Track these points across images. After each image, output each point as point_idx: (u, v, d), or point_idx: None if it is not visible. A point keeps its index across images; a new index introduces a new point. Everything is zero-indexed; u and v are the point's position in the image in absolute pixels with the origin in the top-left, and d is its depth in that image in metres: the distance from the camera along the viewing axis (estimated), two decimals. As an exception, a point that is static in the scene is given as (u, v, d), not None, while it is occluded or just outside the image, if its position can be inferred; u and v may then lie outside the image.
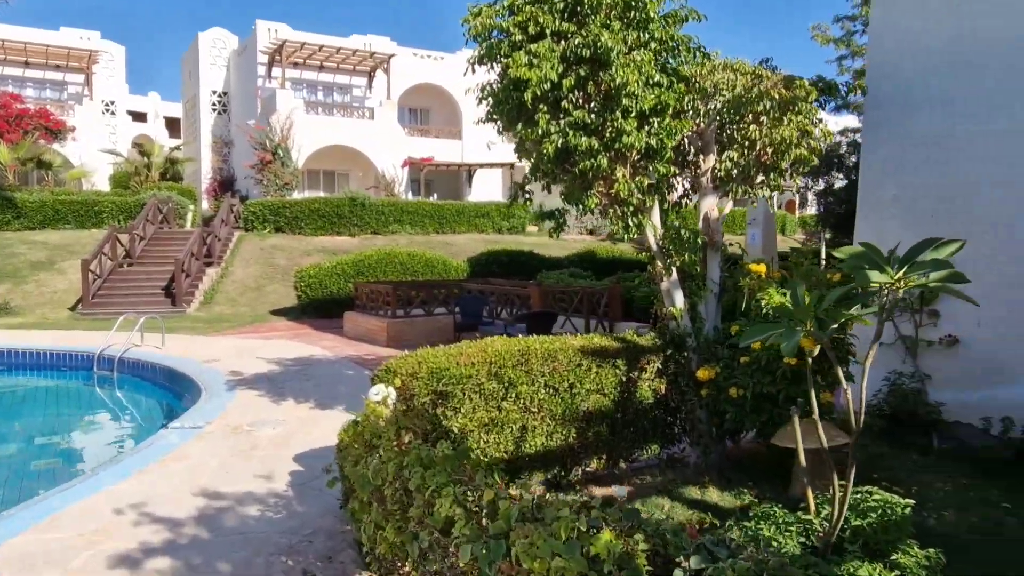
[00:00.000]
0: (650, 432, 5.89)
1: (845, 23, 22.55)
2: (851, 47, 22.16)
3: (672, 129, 5.23)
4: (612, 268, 21.38)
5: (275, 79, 30.28)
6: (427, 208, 25.83)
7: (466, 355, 5.08)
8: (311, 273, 17.51)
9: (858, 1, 22.52)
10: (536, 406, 5.26)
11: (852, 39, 22.32)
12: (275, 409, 8.07)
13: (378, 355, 11.97)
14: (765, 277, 5.32)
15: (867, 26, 22.61)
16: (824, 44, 22.45)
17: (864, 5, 22.12)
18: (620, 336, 5.91)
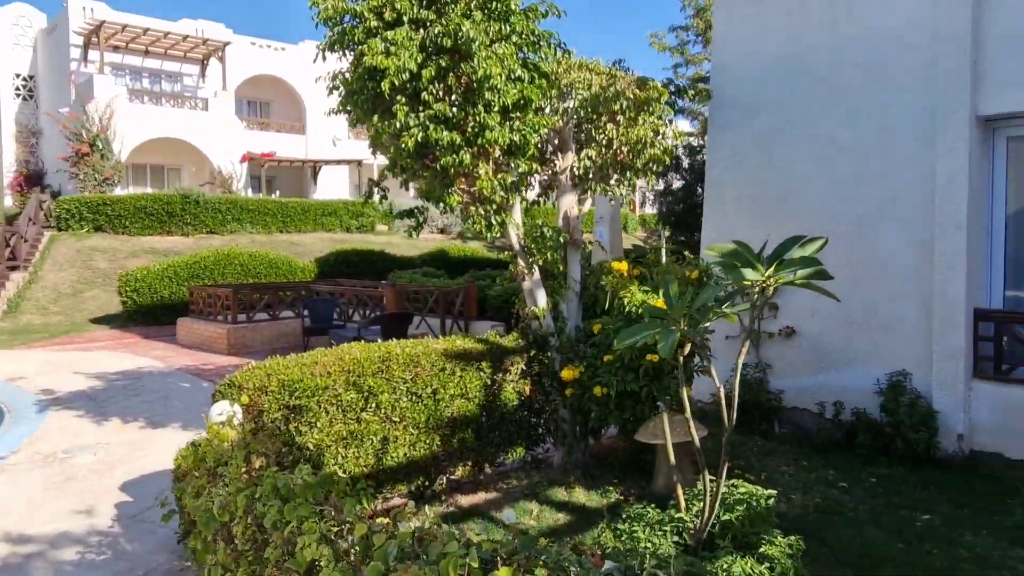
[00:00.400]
0: (515, 435, 5.77)
1: (679, 32, 23.94)
2: (685, 55, 23.54)
3: (535, 125, 5.12)
4: (464, 267, 21.31)
5: (92, 63, 27.38)
6: (270, 206, 24.43)
7: (321, 364, 4.68)
8: (138, 276, 15.94)
9: (690, 12, 24.01)
10: (398, 415, 4.97)
11: (686, 48, 23.72)
12: (96, 431, 7.15)
13: (217, 365, 11.06)
14: (627, 275, 5.36)
15: (699, 36, 24.17)
16: (661, 51, 23.68)
17: (696, 17, 23.61)
18: (483, 338, 5.74)
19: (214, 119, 28.47)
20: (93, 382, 9.54)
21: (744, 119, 7.33)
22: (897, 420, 6.03)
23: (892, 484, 5.49)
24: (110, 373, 10.16)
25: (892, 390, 6.20)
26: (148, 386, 9.29)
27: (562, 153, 6.30)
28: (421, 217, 5.75)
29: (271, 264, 17.96)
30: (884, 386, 6.28)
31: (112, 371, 10.34)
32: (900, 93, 6.40)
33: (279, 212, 24.41)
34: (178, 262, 16.65)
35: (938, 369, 6.05)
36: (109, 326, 16.03)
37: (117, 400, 8.50)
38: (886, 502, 5.13)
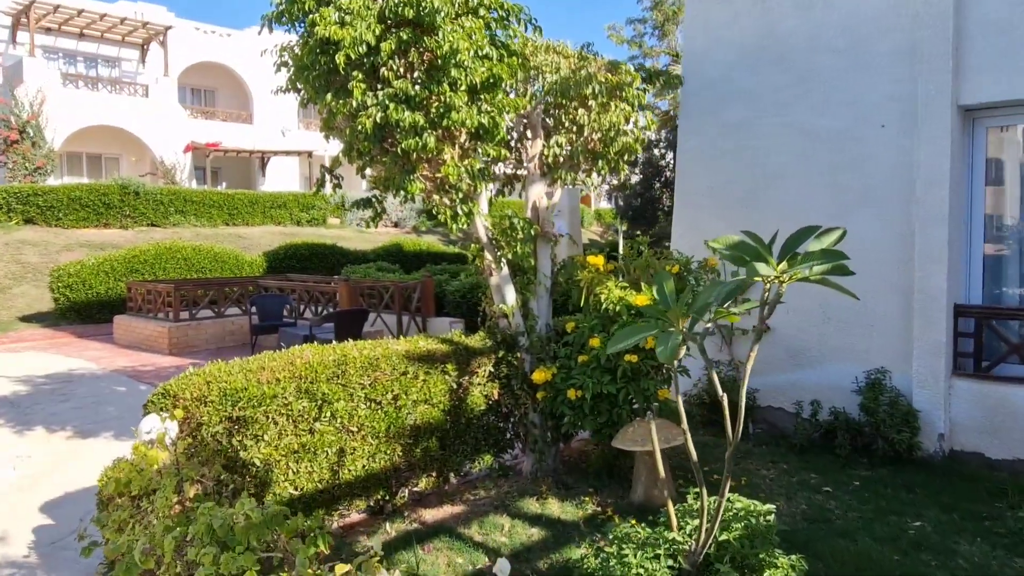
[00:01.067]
0: (483, 442, 5.36)
1: (636, 25, 23.77)
2: (642, 49, 23.37)
3: (505, 106, 4.71)
4: (420, 261, 20.78)
5: (22, 45, 25.87)
6: (215, 198, 23.42)
7: (269, 370, 4.20)
8: (72, 271, 14.98)
9: (648, 5, 23.84)
10: (356, 424, 4.51)
11: (643, 41, 23.55)
12: (17, 442, 6.48)
13: (157, 366, 10.36)
14: (602, 270, 5.00)
15: (656, 29, 24.03)
16: (619, 44, 23.46)
17: (654, 9, 23.46)
18: (448, 338, 5.31)
19: (155, 106, 27.23)
20: (17, 386, 8.78)
21: (716, 107, 7.05)
22: (877, 420, 5.82)
23: (876, 487, 5.26)
24: (37, 376, 9.39)
25: (871, 388, 5.99)
26: (79, 390, 8.58)
27: (530, 140, 5.91)
28: (379, 207, 5.28)
29: (216, 258, 17.14)
30: (863, 384, 6.08)
31: (40, 374, 9.57)
32: (879, 80, 6.19)
33: (225, 204, 23.43)
34: (115, 256, 15.73)
35: (918, 366, 5.86)
36: (40, 324, 15.03)
37: (43, 406, 7.79)
38: (874, 508, 4.89)
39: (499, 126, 4.69)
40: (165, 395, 3.96)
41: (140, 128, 26.79)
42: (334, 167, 5.87)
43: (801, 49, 6.62)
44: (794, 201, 6.63)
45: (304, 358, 4.39)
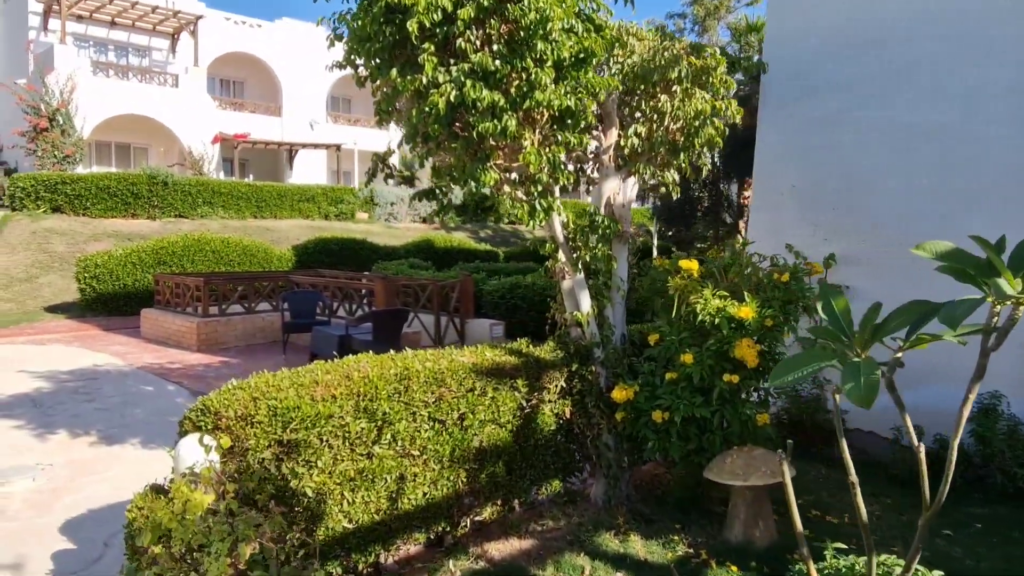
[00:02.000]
0: (551, 465, 4.78)
1: (677, 21, 23.04)
2: (683, 44, 22.58)
3: (596, 86, 4.11)
4: (451, 258, 20.28)
5: (53, 32, 25.68)
6: (243, 190, 23.05)
7: (323, 385, 3.63)
8: (98, 262, 14.61)
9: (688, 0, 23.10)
10: (418, 447, 3.94)
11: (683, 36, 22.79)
12: (38, 447, 6.00)
13: (185, 363, 9.89)
14: (696, 276, 4.39)
15: (696, 24, 23.28)
16: (659, 39, 22.63)
17: (695, 4, 22.71)
18: (516, 348, 4.73)
19: (185, 97, 26.94)
20: (40, 383, 8.34)
21: (802, 98, 6.39)
22: (992, 450, 5.17)
23: (999, 529, 4.61)
24: (61, 372, 8.95)
25: (984, 415, 5.32)
26: (104, 389, 8.12)
27: (605, 129, 5.31)
28: (444, 200, 4.69)
29: (245, 251, 16.71)
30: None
31: (64, 369, 9.13)
32: (995, 69, 5.50)
33: (253, 196, 23.05)
34: (143, 247, 15.35)
35: (1041, 392, 5.18)
36: (65, 315, 14.70)
37: (66, 406, 7.33)
38: (1004, 555, 4.25)
39: (587, 109, 4.09)
40: (204, 412, 3.42)
41: (169, 118, 26.51)
42: (387, 155, 5.33)
43: (903, 35, 5.95)
44: (891, 204, 5.96)
45: (362, 371, 3.83)
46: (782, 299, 4.27)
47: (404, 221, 27.21)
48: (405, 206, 27.38)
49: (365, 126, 35.18)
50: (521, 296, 12.52)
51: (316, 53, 32.91)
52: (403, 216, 27.24)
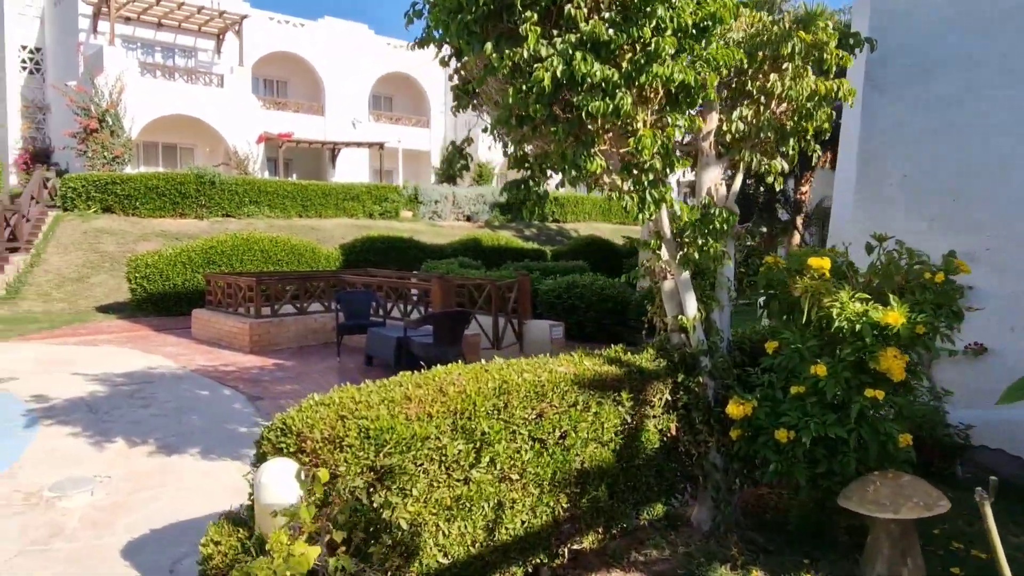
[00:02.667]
0: (655, 488, 4.28)
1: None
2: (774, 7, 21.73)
3: (720, 59, 3.60)
4: (499, 257, 19.87)
5: (102, 34, 25.93)
6: (289, 189, 22.95)
7: (417, 401, 3.19)
8: (148, 262, 14.51)
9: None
10: (518, 471, 3.48)
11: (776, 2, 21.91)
12: (95, 457, 5.71)
13: (239, 366, 9.61)
14: (829, 276, 3.85)
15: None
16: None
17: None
18: (616, 356, 4.24)
19: (230, 96, 27.00)
20: (95, 386, 8.11)
21: (917, 76, 5.78)
22: None
23: None
24: (115, 375, 8.73)
25: None
26: (159, 393, 7.85)
27: (704, 113, 4.78)
28: (538, 192, 4.22)
29: (293, 251, 16.50)
30: None
31: (118, 372, 8.91)
32: None
33: (299, 195, 22.94)
34: (192, 247, 15.22)
35: None
36: (116, 315, 14.63)
37: (122, 412, 7.06)
38: None
39: (709, 86, 3.58)
40: (285, 431, 3.00)
41: (215, 118, 26.59)
42: (466, 143, 4.90)
43: (1035, 3, 5.31)
44: (1021, 194, 5.33)
45: (457, 385, 3.38)
46: (933, 302, 3.71)
47: (448, 219, 26.89)
48: (449, 204, 27.07)
49: (407, 124, 35.02)
50: (578, 296, 12.04)
51: (358, 52, 32.85)
52: (447, 214, 26.93)
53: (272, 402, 7.57)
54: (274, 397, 7.79)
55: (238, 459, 5.70)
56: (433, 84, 36.12)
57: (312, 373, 9.12)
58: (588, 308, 11.91)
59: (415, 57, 35.46)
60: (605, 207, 34.21)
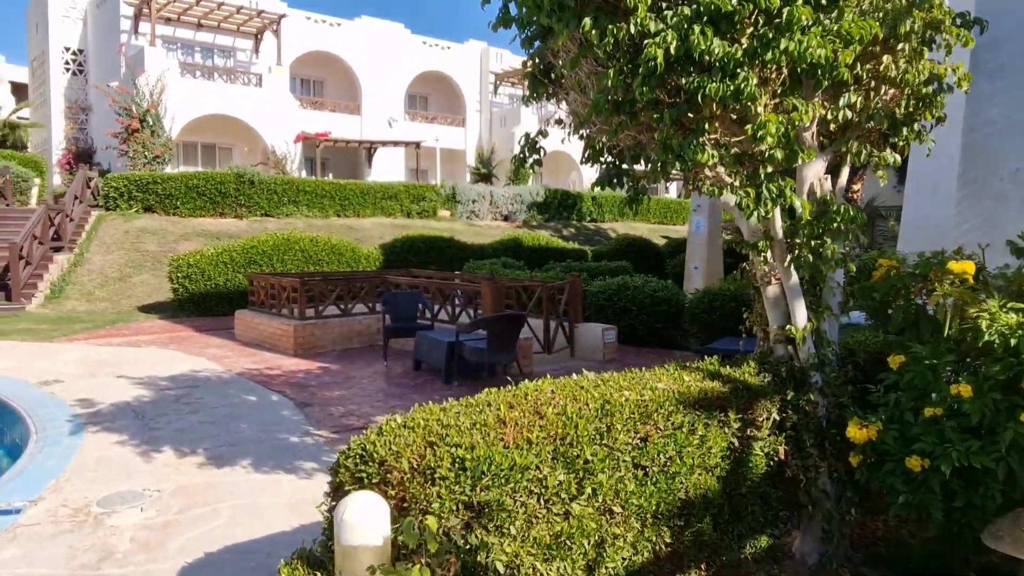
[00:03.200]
0: (760, 518, 3.83)
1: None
2: None
3: (853, 33, 3.15)
4: (541, 257, 19.46)
5: (143, 35, 26.11)
6: (327, 188, 22.80)
7: (513, 424, 2.80)
8: (190, 262, 14.39)
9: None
10: (620, 502, 3.07)
11: None
12: (144, 469, 5.42)
13: (284, 369, 9.35)
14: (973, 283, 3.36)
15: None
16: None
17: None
18: (714, 370, 3.81)
19: (268, 96, 26.99)
20: (140, 390, 7.88)
21: (1033, 61, 5.24)
22: None
23: None
24: (160, 378, 8.50)
25: None
26: (206, 398, 7.58)
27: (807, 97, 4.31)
28: (641, 183, 3.80)
29: (333, 250, 16.28)
30: None
31: (162, 375, 8.69)
32: None
33: (337, 195, 22.78)
34: (234, 246, 15.08)
35: None
36: (158, 315, 14.53)
37: (169, 418, 6.79)
38: None
39: (840, 63, 3.13)
40: (366, 459, 2.64)
41: (253, 118, 26.60)
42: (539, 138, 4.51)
43: None
44: None
45: (554, 404, 2.98)
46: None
47: (486, 219, 26.56)
48: (487, 203, 26.73)
49: (442, 123, 34.81)
50: (630, 298, 11.57)
51: (394, 51, 32.70)
52: (485, 214, 26.59)
53: (321, 409, 7.26)
54: (323, 404, 7.48)
55: (291, 472, 5.38)
56: (468, 83, 35.86)
57: (360, 378, 8.81)
58: (640, 311, 11.44)
59: (450, 56, 35.29)
60: (643, 206, 33.63)
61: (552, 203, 28.68)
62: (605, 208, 31.01)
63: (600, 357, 10.23)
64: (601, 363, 10.03)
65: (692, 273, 17.06)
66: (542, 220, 27.95)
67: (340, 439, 6.25)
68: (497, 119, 36.18)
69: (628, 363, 10.06)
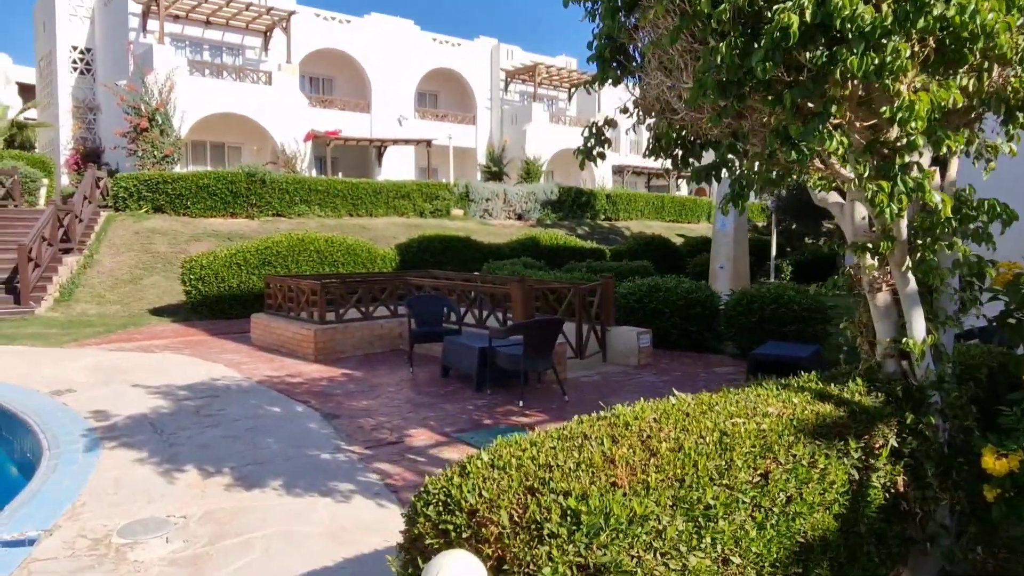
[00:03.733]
0: (875, 558, 3.36)
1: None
2: None
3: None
4: (560, 256, 19.02)
5: (152, 33, 25.73)
6: (339, 187, 22.38)
7: (625, 465, 2.34)
8: (203, 263, 13.98)
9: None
10: (740, 551, 2.61)
11: None
12: (166, 491, 4.98)
13: (306, 377, 8.91)
14: None
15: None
16: None
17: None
18: (821, 389, 3.34)
19: (278, 94, 26.59)
20: (157, 400, 7.45)
21: None
22: None
23: None
24: (177, 387, 8.07)
25: None
26: (227, 410, 7.15)
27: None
28: (746, 180, 3.33)
29: (349, 251, 15.84)
30: None
31: (179, 383, 8.26)
32: None
33: (349, 194, 22.37)
34: (247, 247, 14.66)
35: None
36: (171, 319, 14.13)
37: (189, 432, 6.36)
38: None
39: (998, 33, 2.66)
40: (451, 507, 2.19)
41: (263, 116, 26.20)
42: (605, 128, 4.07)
43: None
44: None
45: (664, 437, 2.52)
46: None
47: (499, 218, 26.12)
48: (500, 202, 26.29)
49: (452, 121, 34.37)
50: (662, 300, 11.11)
51: (404, 48, 32.26)
52: (498, 212, 26.16)
53: (350, 421, 6.82)
54: (351, 415, 7.04)
55: (327, 494, 4.94)
56: (478, 80, 35.42)
57: (386, 386, 8.37)
58: (672, 313, 10.97)
59: (460, 53, 34.83)
60: (658, 204, 33.16)
61: (566, 201, 28.24)
62: (620, 206, 30.54)
63: (634, 362, 9.77)
64: (636, 368, 9.57)
65: (718, 273, 16.58)
66: (556, 219, 27.50)
67: (374, 455, 5.81)
68: (508, 117, 35.72)
69: (663, 368, 9.60)
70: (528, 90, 36.93)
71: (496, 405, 7.48)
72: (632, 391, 8.24)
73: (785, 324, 9.73)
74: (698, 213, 35.16)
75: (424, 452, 5.92)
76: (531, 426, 6.66)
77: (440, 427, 6.66)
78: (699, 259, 20.86)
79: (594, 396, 7.94)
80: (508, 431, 6.54)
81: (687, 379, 8.92)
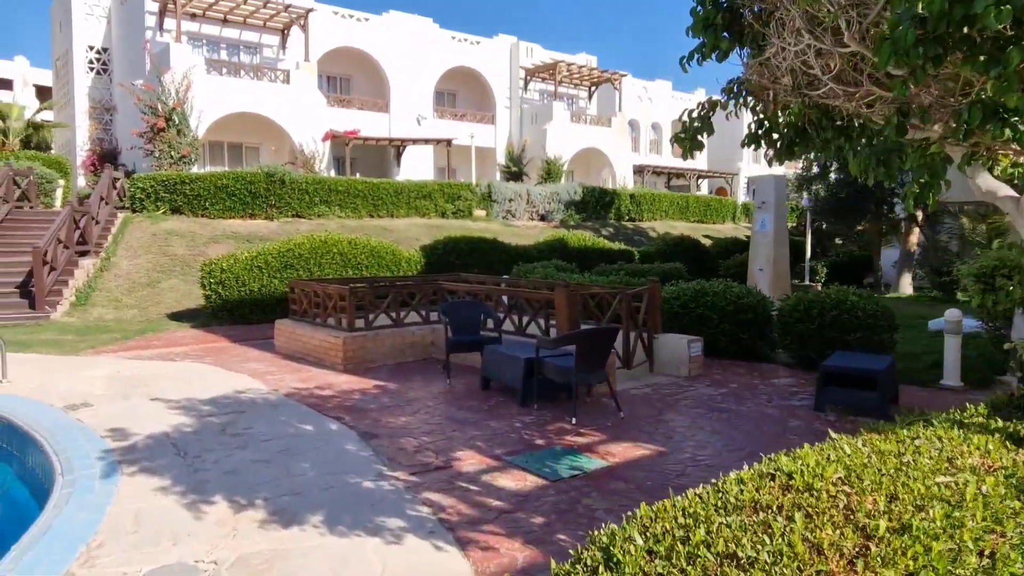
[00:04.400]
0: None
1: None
2: None
3: None
4: (589, 259, 18.37)
5: (168, 32, 25.34)
6: (360, 188, 21.85)
7: (835, 555, 1.70)
8: (223, 266, 13.44)
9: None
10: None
11: None
12: (193, 528, 4.39)
13: (337, 389, 8.32)
14: None
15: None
16: None
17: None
18: (1004, 426, 2.69)
19: (296, 93, 26.10)
20: (179, 417, 6.88)
21: None
22: None
23: None
24: (200, 401, 7.50)
25: None
26: (255, 428, 6.56)
27: None
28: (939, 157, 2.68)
29: (373, 253, 15.27)
30: None
31: (202, 397, 7.69)
32: None
33: (370, 194, 21.84)
34: (269, 250, 14.11)
35: None
36: (190, 324, 13.61)
37: (215, 455, 5.78)
38: None
39: None
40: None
41: (281, 116, 25.73)
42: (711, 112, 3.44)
43: None
44: None
45: (867, 507, 1.88)
46: None
47: (522, 218, 25.52)
48: (523, 203, 25.68)
49: (471, 120, 33.81)
50: (709, 305, 10.44)
51: (423, 46, 31.73)
52: (521, 213, 25.55)
53: (391, 441, 6.22)
54: (390, 434, 6.43)
55: (375, 532, 4.32)
56: (498, 79, 34.84)
57: (423, 400, 7.76)
58: (721, 320, 10.30)
59: (480, 51, 34.26)
60: (682, 204, 32.44)
61: (589, 202, 27.60)
62: (644, 207, 29.85)
63: (685, 373, 9.11)
64: (687, 379, 8.92)
65: (757, 275, 15.88)
66: (580, 219, 26.87)
67: (421, 483, 5.20)
68: (528, 116, 35.10)
69: (717, 380, 8.93)
70: (548, 88, 36.32)
71: (546, 422, 6.85)
72: (691, 406, 7.58)
73: (848, 332, 9.04)
74: (723, 213, 34.40)
75: (476, 479, 5.30)
76: (591, 447, 6.02)
77: (489, 448, 6.04)
78: (732, 260, 20.16)
79: (649, 412, 7.30)
80: (565, 454, 5.91)
81: (746, 391, 8.25)
